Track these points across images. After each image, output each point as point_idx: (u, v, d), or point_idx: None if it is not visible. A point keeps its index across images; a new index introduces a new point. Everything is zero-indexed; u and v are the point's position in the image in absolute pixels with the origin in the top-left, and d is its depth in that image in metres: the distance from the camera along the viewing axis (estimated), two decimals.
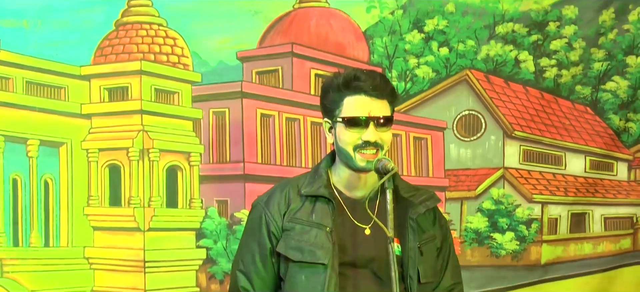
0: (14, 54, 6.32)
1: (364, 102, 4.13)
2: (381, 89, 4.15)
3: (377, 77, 4.16)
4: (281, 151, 7.01)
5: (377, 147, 4.14)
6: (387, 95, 4.18)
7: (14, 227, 6.33)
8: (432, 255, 4.32)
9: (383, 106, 4.16)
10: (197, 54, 6.81)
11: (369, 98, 4.13)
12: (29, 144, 6.41)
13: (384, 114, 4.14)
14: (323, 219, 4.25)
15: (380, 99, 4.15)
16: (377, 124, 4.12)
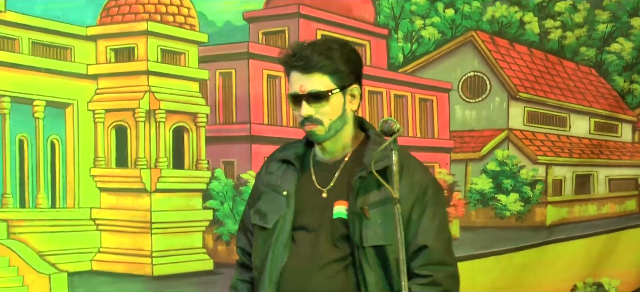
0: (20, 14, 6.17)
1: (297, 79, 4.11)
2: (310, 63, 4.06)
3: (309, 50, 4.08)
4: (288, 112, 6.85)
5: (314, 122, 4.12)
6: (318, 68, 4.08)
7: (20, 189, 6.20)
8: (384, 218, 4.10)
9: (316, 80, 4.09)
10: (203, 14, 6.65)
11: (301, 74, 4.09)
12: (35, 105, 6.26)
13: (313, 89, 4.07)
14: (284, 184, 4.26)
15: (311, 73, 4.08)
16: (308, 100, 4.08)
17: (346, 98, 4.19)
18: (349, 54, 4.18)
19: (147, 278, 6.42)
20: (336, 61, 4.09)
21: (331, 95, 4.09)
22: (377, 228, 4.09)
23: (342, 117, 4.18)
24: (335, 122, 4.15)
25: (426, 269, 4.10)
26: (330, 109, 4.11)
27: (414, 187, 4.14)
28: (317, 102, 4.09)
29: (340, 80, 4.11)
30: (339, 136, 4.21)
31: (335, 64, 4.08)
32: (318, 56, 4.06)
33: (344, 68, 4.12)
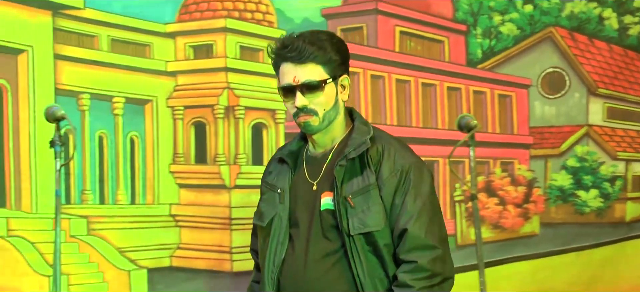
0: (100, 11, 5.89)
1: (289, 70, 3.89)
2: (304, 53, 3.86)
3: (301, 41, 3.88)
4: (366, 108, 6.53)
5: (309, 112, 3.92)
6: (312, 59, 3.87)
7: (100, 185, 5.92)
8: (368, 204, 3.87)
9: (310, 70, 3.88)
10: (281, 11, 6.35)
11: (293, 65, 3.87)
12: (114, 102, 5.98)
13: (307, 79, 3.86)
14: (279, 182, 4.11)
15: (305, 64, 3.87)
16: (302, 90, 3.87)
17: (338, 88, 3.96)
18: (338, 44, 3.98)
19: (226, 274, 6.09)
20: (328, 51, 3.89)
21: (325, 85, 3.89)
22: (362, 215, 3.86)
23: (335, 107, 3.96)
24: (329, 112, 3.93)
25: (410, 254, 3.84)
26: (325, 99, 3.90)
27: (396, 171, 3.91)
28: (311, 93, 3.88)
29: (332, 70, 3.91)
30: (331, 127, 4.00)
31: (327, 54, 3.89)
32: (311, 47, 3.86)
33: (335, 57, 3.91)
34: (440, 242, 3.90)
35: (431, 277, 3.84)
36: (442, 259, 3.88)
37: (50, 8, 5.68)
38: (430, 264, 3.84)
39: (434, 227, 3.91)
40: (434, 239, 3.88)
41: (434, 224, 3.91)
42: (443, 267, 3.87)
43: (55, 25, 5.71)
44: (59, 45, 5.72)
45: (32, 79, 5.61)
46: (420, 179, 3.93)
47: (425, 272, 3.83)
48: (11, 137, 5.53)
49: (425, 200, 3.91)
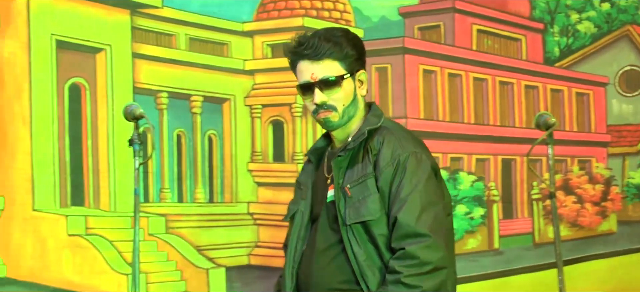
0: (178, 10, 5.59)
1: (307, 67, 3.72)
2: (320, 50, 3.69)
3: (316, 38, 3.71)
4: (444, 107, 6.20)
5: (328, 108, 3.73)
6: (329, 55, 3.70)
7: (178, 184, 5.61)
8: (366, 194, 3.68)
9: (327, 67, 3.70)
10: (359, 10, 6.01)
11: (310, 62, 3.70)
12: (192, 101, 5.67)
13: (325, 75, 3.68)
14: (303, 178, 4.01)
15: (322, 60, 3.69)
16: (320, 87, 3.69)
17: (356, 83, 3.77)
18: (354, 39, 3.80)
19: None
20: (344, 47, 3.72)
21: (343, 81, 3.71)
22: (358, 205, 3.67)
23: (354, 103, 3.78)
24: (349, 108, 3.75)
25: (401, 242, 3.61)
26: (343, 95, 3.73)
27: (393, 160, 3.69)
28: (329, 89, 3.70)
29: (349, 66, 3.73)
30: (350, 123, 3.81)
31: (343, 49, 3.71)
32: (327, 43, 3.69)
33: (352, 53, 3.74)
34: (432, 230, 3.62)
35: (420, 265, 3.55)
36: (433, 247, 3.59)
37: (128, 7, 5.40)
38: (419, 251, 3.57)
39: (425, 215, 3.64)
40: (424, 227, 3.61)
41: (426, 212, 3.64)
42: (433, 255, 3.58)
43: (133, 24, 5.42)
44: (137, 44, 5.43)
45: (111, 78, 5.32)
46: (416, 168, 3.69)
47: (414, 259, 3.56)
48: (89, 136, 5.23)
49: (419, 188, 3.67)
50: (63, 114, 5.14)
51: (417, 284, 3.55)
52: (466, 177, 6.18)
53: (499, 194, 6.29)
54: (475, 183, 6.21)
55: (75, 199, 5.19)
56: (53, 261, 5.08)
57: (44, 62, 5.07)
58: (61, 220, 5.12)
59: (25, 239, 5.01)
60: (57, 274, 5.09)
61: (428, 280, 3.56)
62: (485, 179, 6.25)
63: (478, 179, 6.23)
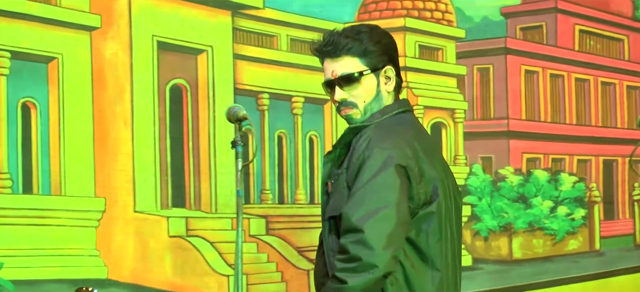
0: (279, 11, 5.12)
1: (329, 65, 3.35)
2: (339, 46, 3.31)
3: (337, 35, 3.33)
4: (545, 108, 5.77)
5: (349, 105, 3.34)
6: (347, 51, 3.31)
7: (279, 185, 5.16)
8: (338, 189, 3.29)
9: (346, 64, 3.31)
10: (461, 10, 5.57)
11: (331, 60, 3.33)
12: (293, 102, 5.21)
13: (343, 72, 3.31)
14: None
15: (340, 58, 3.31)
16: (340, 84, 3.32)
17: (380, 80, 3.36)
18: (379, 35, 3.38)
19: None
20: (365, 42, 3.32)
21: (363, 77, 3.32)
22: (332, 200, 3.29)
23: (377, 99, 3.36)
24: (371, 104, 3.35)
25: (342, 236, 3.22)
26: (364, 91, 3.33)
27: (359, 157, 3.26)
28: (349, 85, 3.31)
29: (371, 62, 3.32)
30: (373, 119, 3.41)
31: (363, 45, 3.32)
32: (345, 39, 3.31)
33: (373, 49, 3.32)
34: (368, 226, 3.18)
35: (348, 260, 3.17)
36: (364, 243, 3.17)
37: (229, 8, 4.94)
38: (350, 246, 3.17)
39: (366, 210, 3.20)
40: (361, 222, 3.18)
41: (368, 207, 3.21)
42: (362, 251, 3.16)
43: (234, 25, 4.97)
44: (238, 45, 4.98)
45: (212, 79, 4.88)
46: (375, 163, 3.24)
47: (345, 254, 3.18)
48: (191, 137, 4.77)
49: (370, 183, 3.22)
50: (164, 116, 4.69)
51: (344, 279, 3.16)
52: (567, 179, 5.76)
53: (600, 195, 5.91)
54: (576, 184, 5.82)
55: (176, 201, 4.76)
56: (154, 263, 4.64)
57: (145, 64, 4.63)
58: (162, 221, 4.68)
59: (126, 240, 4.57)
60: (158, 275, 4.65)
61: (354, 277, 3.16)
62: (587, 180, 5.87)
63: (579, 180, 5.84)
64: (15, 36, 4.27)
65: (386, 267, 3.19)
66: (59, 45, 4.41)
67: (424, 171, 3.31)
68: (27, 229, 4.30)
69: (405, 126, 3.43)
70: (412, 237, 3.23)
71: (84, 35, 4.48)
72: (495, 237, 5.46)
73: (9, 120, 4.25)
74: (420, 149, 3.34)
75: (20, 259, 4.23)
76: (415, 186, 3.26)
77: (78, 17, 4.45)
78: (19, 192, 4.30)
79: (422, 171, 3.29)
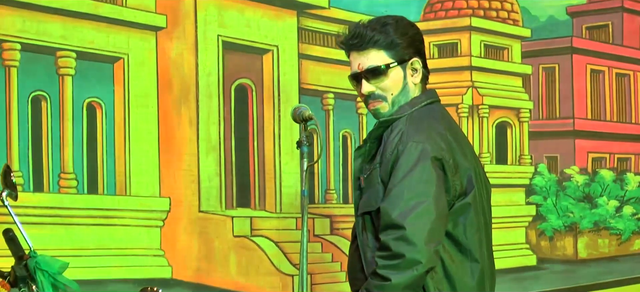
0: (345, 11, 4.66)
1: (355, 58, 3.13)
2: (365, 39, 3.07)
3: (363, 28, 3.09)
4: (611, 107, 5.26)
5: (377, 98, 3.09)
6: (373, 44, 3.07)
7: (343, 185, 4.72)
8: (372, 184, 3.03)
9: (373, 56, 3.07)
10: (526, 9, 5.09)
11: (358, 53, 3.10)
12: (358, 101, 4.75)
13: (370, 65, 3.07)
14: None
15: (366, 50, 3.08)
16: (367, 77, 3.08)
17: (407, 72, 3.11)
18: (405, 27, 3.14)
19: None
20: (391, 35, 3.09)
21: (389, 69, 3.08)
22: (366, 196, 3.05)
23: (404, 92, 3.11)
24: (398, 97, 3.10)
25: (381, 232, 2.96)
26: (391, 84, 3.09)
27: (394, 151, 3.02)
28: (375, 78, 3.08)
29: (397, 54, 3.09)
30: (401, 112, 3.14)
31: (389, 37, 3.08)
32: (371, 32, 3.08)
33: (400, 41, 3.09)
34: (409, 222, 2.93)
35: (391, 257, 2.90)
36: (406, 239, 2.92)
37: (295, 8, 4.52)
38: (392, 243, 2.92)
39: (406, 206, 2.94)
40: (401, 219, 2.93)
41: (408, 203, 2.95)
42: (405, 248, 2.91)
43: (300, 25, 4.54)
44: (304, 45, 4.55)
45: (277, 79, 4.47)
46: (411, 157, 2.99)
47: (387, 251, 2.93)
48: (255, 137, 4.36)
49: (408, 178, 2.97)
50: (229, 116, 4.29)
51: (387, 276, 2.91)
52: (633, 178, 5.33)
53: None
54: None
55: (240, 201, 4.35)
56: (219, 262, 4.25)
57: (210, 64, 4.23)
58: (227, 221, 4.27)
59: (191, 240, 4.18)
60: (222, 275, 4.25)
61: (398, 273, 2.90)
62: None
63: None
64: (82, 36, 3.93)
65: (429, 263, 2.93)
66: (125, 46, 4.04)
67: (459, 162, 3.04)
68: (92, 229, 3.95)
69: (436, 118, 3.17)
70: (450, 229, 2.97)
71: (150, 35, 4.10)
72: (560, 237, 4.99)
73: (75, 120, 3.91)
74: (453, 140, 3.08)
75: (85, 259, 3.88)
76: (450, 178, 3.00)
77: (144, 17, 4.08)
78: (84, 192, 3.94)
79: (456, 163, 3.02)
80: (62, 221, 3.85)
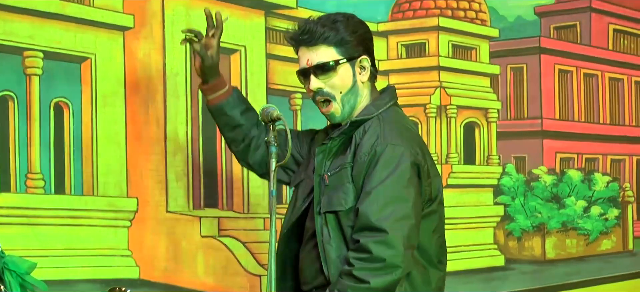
0: (313, 11, 4.65)
1: (304, 53, 3.25)
2: (316, 35, 3.20)
3: (313, 24, 3.22)
4: (579, 107, 5.38)
5: (325, 96, 3.23)
6: (323, 40, 3.19)
7: None
8: (340, 183, 3.14)
9: (322, 53, 3.21)
10: (494, 9, 5.19)
11: (307, 48, 3.23)
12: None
13: (318, 61, 3.19)
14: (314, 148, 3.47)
15: (317, 46, 3.20)
16: (315, 72, 3.20)
17: (356, 70, 3.24)
18: (355, 25, 3.29)
19: None
20: (341, 32, 3.22)
21: (338, 66, 3.20)
22: (332, 194, 3.15)
23: (353, 90, 3.24)
24: (347, 96, 3.23)
25: (358, 234, 3.06)
26: (340, 81, 3.22)
27: (370, 151, 3.12)
28: (324, 74, 3.20)
29: (346, 51, 3.22)
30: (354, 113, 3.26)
31: (340, 34, 3.21)
32: (322, 28, 3.21)
33: (350, 38, 3.22)
34: (390, 227, 3.03)
35: (371, 260, 3.01)
36: (387, 243, 3.02)
37: (263, 8, 4.61)
38: (372, 246, 3.01)
39: (386, 210, 3.04)
40: (382, 222, 3.03)
41: (388, 207, 3.05)
42: (386, 252, 3.01)
43: (267, 25, 4.63)
44: (272, 45, 4.64)
45: (245, 79, 4.57)
46: (390, 161, 3.10)
47: (366, 253, 3.02)
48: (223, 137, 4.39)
49: (387, 182, 3.08)
50: (197, 115, 4.38)
51: (365, 279, 3.00)
52: (601, 178, 5.43)
53: (634, 195, 5.50)
54: (610, 184, 5.44)
55: (208, 201, 4.43)
56: (186, 263, 4.33)
57: (178, 64, 4.32)
58: (195, 221, 4.36)
59: (158, 240, 4.27)
60: (190, 275, 4.35)
61: (377, 277, 3.01)
62: (621, 180, 5.48)
63: (613, 179, 5.45)
64: (49, 36, 4.00)
65: (407, 268, 3.04)
66: (92, 46, 4.12)
67: (430, 168, 3.17)
68: (59, 229, 4.02)
69: (406, 121, 3.30)
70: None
71: (117, 35, 4.18)
72: (528, 237, 5.13)
73: (42, 120, 3.98)
74: (424, 145, 3.22)
75: (52, 259, 3.96)
76: (424, 183, 3.11)
77: (111, 17, 4.16)
78: (51, 192, 4.02)
79: (429, 168, 3.15)
80: (29, 221, 3.92)
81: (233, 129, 3.61)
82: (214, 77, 3.57)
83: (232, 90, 3.60)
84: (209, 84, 3.59)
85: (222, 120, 3.62)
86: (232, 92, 3.59)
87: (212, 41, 3.54)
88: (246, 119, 3.60)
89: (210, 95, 3.60)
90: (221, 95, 3.58)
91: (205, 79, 3.58)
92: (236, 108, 3.58)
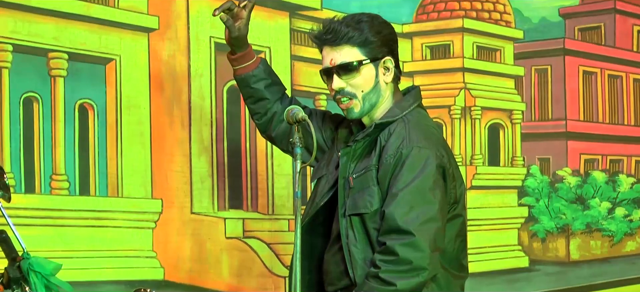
0: (337, 12, 4.54)
1: (328, 53, 3.19)
2: (340, 35, 3.13)
3: (337, 24, 3.16)
4: (603, 109, 5.29)
5: (347, 95, 3.15)
6: (347, 40, 3.13)
7: None
8: (365, 186, 3.09)
9: (346, 53, 3.14)
10: (519, 11, 5.10)
11: (331, 48, 3.17)
12: None
13: (342, 61, 3.12)
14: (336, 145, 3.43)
15: (341, 46, 3.14)
16: (338, 72, 3.13)
17: (379, 70, 3.17)
18: (379, 26, 3.21)
19: None
20: (365, 32, 3.15)
21: (361, 67, 3.14)
22: (357, 196, 3.10)
23: (375, 90, 3.17)
24: (369, 95, 3.16)
25: (384, 236, 3.01)
26: (362, 81, 3.15)
27: (396, 153, 3.06)
28: (347, 74, 3.14)
29: (370, 52, 3.15)
30: (374, 112, 3.19)
31: (364, 35, 3.14)
32: (346, 28, 3.14)
33: (374, 39, 3.15)
34: (417, 229, 2.97)
35: (397, 262, 2.95)
36: (414, 246, 2.96)
37: (287, 9, 4.53)
38: (398, 248, 2.96)
39: (413, 213, 2.99)
40: (409, 225, 2.97)
41: (415, 210, 2.99)
42: (413, 254, 2.96)
43: (292, 26, 4.54)
44: (296, 46, 4.55)
45: None
46: (416, 163, 3.04)
47: (393, 256, 2.96)
48: (248, 139, 4.37)
49: (414, 185, 3.02)
50: (222, 117, 4.29)
51: (392, 281, 2.95)
52: (625, 180, 5.35)
53: None
54: (634, 185, 5.35)
55: (233, 202, 4.34)
56: (211, 264, 4.25)
57: (203, 65, 4.24)
58: (219, 223, 4.27)
59: (183, 242, 4.19)
60: (215, 276, 4.26)
61: (404, 279, 2.95)
62: None
63: (637, 181, 5.36)
64: (74, 38, 3.92)
65: (434, 270, 2.99)
66: (117, 47, 4.04)
67: (455, 171, 3.09)
68: (84, 230, 3.94)
69: (431, 123, 3.24)
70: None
71: (142, 36, 4.10)
72: (552, 238, 5.03)
73: (66, 122, 3.91)
74: (448, 148, 3.15)
75: (77, 260, 3.88)
76: (449, 186, 3.03)
77: (136, 18, 4.08)
78: (76, 193, 3.94)
79: (453, 171, 3.08)
80: (54, 222, 3.85)
81: (256, 102, 3.53)
82: (242, 48, 3.50)
83: (258, 63, 3.51)
84: (237, 55, 3.51)
85: (246, 92, 3.54)
86: (259, 65, 3.51)
87: (243, 12, 3.46)
88: (271, 93, 3.52)
89: (236, 65, 3.54)
90: (247, 67, 3.51)
91: (233, 50, 3.51)
92: (261, 81, 3.50)
